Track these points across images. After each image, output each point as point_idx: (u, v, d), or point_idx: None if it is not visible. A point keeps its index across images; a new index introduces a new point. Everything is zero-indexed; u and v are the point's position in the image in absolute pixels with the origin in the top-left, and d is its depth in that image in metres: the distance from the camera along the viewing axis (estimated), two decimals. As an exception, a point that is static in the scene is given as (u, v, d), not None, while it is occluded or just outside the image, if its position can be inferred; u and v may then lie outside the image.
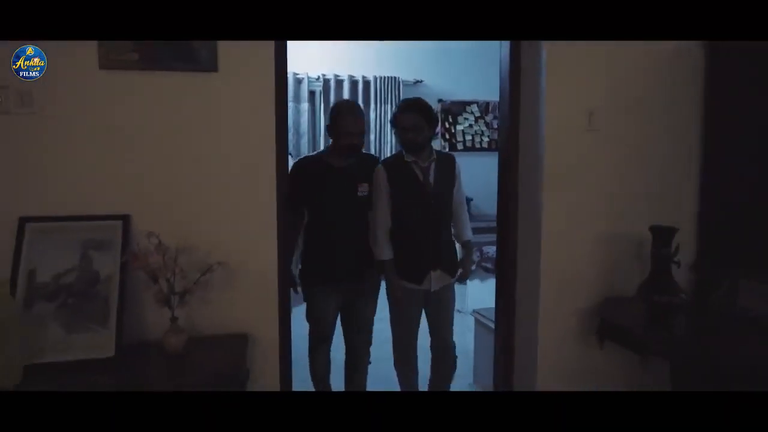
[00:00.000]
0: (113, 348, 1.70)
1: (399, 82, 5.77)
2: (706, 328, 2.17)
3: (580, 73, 2.32)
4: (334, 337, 2.70)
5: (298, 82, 5.41)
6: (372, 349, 2.73)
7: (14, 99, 1.75)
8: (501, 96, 2.55)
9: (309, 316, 2.62)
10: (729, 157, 2.42)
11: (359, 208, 2.53)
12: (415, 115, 2.49)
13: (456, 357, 2.70)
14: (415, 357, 2.69)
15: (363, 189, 2.52)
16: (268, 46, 1.99)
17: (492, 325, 2.74)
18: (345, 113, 2.52)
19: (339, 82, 5.58)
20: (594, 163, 2.36)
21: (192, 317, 1.89)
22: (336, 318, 2.65)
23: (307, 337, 2.69)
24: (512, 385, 2.54)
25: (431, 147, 2.57)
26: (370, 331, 2.70)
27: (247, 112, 1.97)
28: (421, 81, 5.89)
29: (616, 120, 2.37)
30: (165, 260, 1.69)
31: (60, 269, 1.73)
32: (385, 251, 2.51)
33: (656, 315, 2.06)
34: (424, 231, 2.52)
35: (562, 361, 2.34)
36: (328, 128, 2.55)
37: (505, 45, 2.47)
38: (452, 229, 2.69)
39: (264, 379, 2.00)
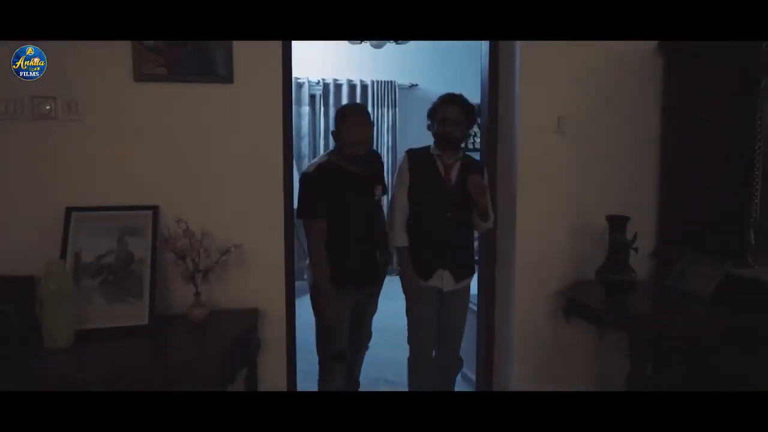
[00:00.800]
0: (147, 317, 2.01)
1: (395, 86, 6.07)
2: (661, 303, 2.48)
3: (550, 82, 2.62)
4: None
5: (299, 86, 5.71)
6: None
7: (62, 107, 2.06)
8: (481, 102, 2.86)
9: (321, 330, 2.44)
10: (685, 153, 2.72)
11: (375, 212, 2.54)
12: (458, 108, 2.43)
13: (461, 359, 2.64)
14: (430, 357, 2.56)
15: (378, 192, 2.51)
16: (277, 60, 2.29)
17: (475, 308, 3.02)
18: (350, 120, 2.34)
19: (338, 86, 5.89)
20: (563, 162, 2.66)
21: (212, 293, 2.19)
22: (348, 329, 2.48)
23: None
24: (493, 356, 2.85)
25: (460, 148, 2.52)
26: (370, 325, 2.62)
27: (258, 118, 2.27)
28: (417, 85, 6.19)
29: (583, 123, 2.67)
30: (191, 242, 2.00)
31: (101, 251, 2.04)
32: (400, 237, 2.47)
33: (611, 292, 2.37)
34: (437, 226, 2.45)
35: (534, 335, 2.65)
36: (333, 134, 2.41)
37: (485, 55, 2.79)
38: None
39: (273, 348, 2.32)
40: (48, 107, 2.05)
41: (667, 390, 2.08)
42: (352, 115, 2.39)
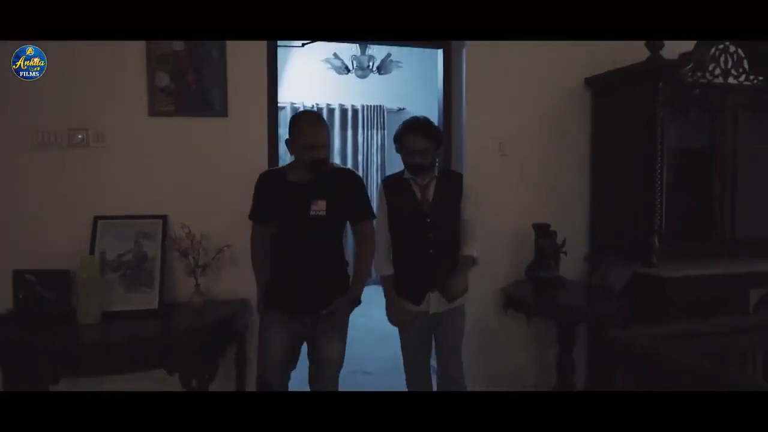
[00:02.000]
0: (156, 303, 2.52)
1: (384, 110, 6.59)
2: (580, 296, 2.97)
3: (492, 111, 3.15)
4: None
5: (295, 110, 6.25)
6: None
7: (92, 137, 2.60)
8: (441, 126, 3.39)
9: (259, 351, 2.31)
10: (608, 172, 3.24)
11: (316, 229, 2.26)
12: (423, 139, 2.37)
13: (464, 387, 2.53)
14: (429, 384, 2.59)
15: (318, 207, 2.23)
16: (262, 96, 2.81)
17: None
18: (305, 122, 2.24)
19: (330, 110, 6.43)
20: (505, 180, 3.17)
21: (208, 285, 2.70)
22: (287, 362, 2.33)
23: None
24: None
25: (434, 165, 2.48)
26: (335, 376, 2.31)
27: (247, 143, 2.79)
28: (404, 108, 6.71)
29: (522, 146, 3.19)
30: (193, 243, 2.52)
31: (121, 251, 2.56)
32: (383, 268, 2.47)
33: (538, 287, 2.87)
34: (421, 248, 2.42)
35: (481, 323, 3.12)
36: (287, 142, 2.27)
37: (440, 84, 3.31)
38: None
39: (257, 331, 2.81)
40: (80, 137, 2.59)
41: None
42: (307, 118, 2.30)
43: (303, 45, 5.18)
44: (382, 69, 5.25)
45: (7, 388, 2.20)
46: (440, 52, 3.27)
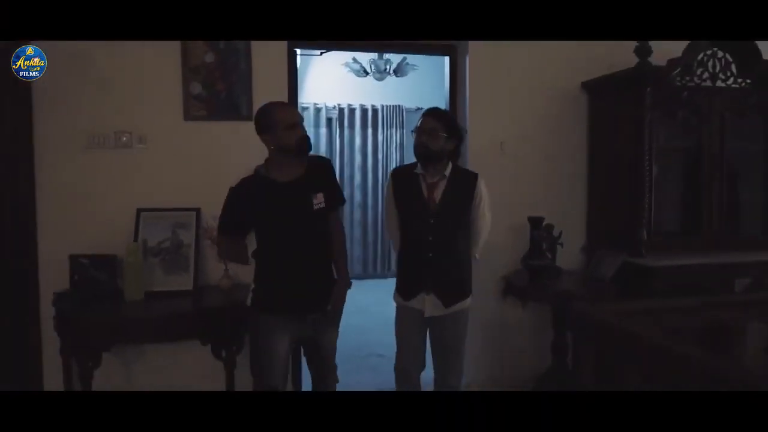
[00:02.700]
0: (191, 285, 2.88)
1: (402, 110, 6.89)
2: (573, 284, 3.22)
3: (494, 114, 3.42)
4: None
5: (318, 110, 6.59)
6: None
7: (135, 139, 2.95)
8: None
9: (254, 360, 2.28)
10: (604, 170, 3.48)
11: (317, 224, 2.25)
12: (433, 119, 2.34)
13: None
14: (415, 377, 2.46)
15: (318, 201, 2.22)
16: (284, 100, 3.14)
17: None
18: (276, 109, 2.22)
19: (351, 110, 6.76)
20: (505, 177, 3.42)
21: (236, 270, 3.03)
22: (287, 365, 2.32)
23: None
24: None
25: (448, 163, 2.42)
26: (336, 367, 2.40)
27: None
28: (421, 108, 6.99)
29: (523, 145, 3.46)
30: (222, 233, 2.86)
31: (161, 239, 2.92)
32: (396, 241, 2.53)
33: (533, 275, 3.13)
34: (419, 249, 2.37)
35: (484, 308, 3.38)
36: (262, 132, 2.22)
37: (447, 88, 3.59)
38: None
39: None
40: (125, 138, 2.95)
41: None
42: (274, 104, 2.25)
43: (321, 54, 5.50)
44: (398, 72, 5.54)
45: (65, 353, 2.58)
46: (447, 59, 3.55)
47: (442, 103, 3.78)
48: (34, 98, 2.84)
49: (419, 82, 6.63)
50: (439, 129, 2.34)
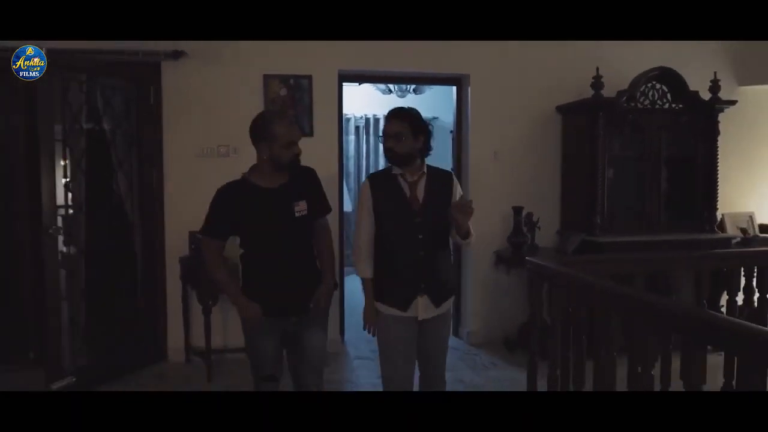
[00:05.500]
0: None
1: (420, 119, 8.04)
2: (542, 256, 4.35)
3: (489, 129, 4.57)
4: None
5: (347, 120, 7.71)
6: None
7: (231, 150, 4.15)
8: (454, 136, 4.83)
9: (249, 353, 2.42)
10: (573, 172, 4.61)
11: (299, 230, 2.32)
12: (397, 121, 2.30)
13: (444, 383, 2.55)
14: (409, 386, 2.41)
15: (300, 208, 2.28)
16: (334, 121, 4.33)
17: (452, 265, 4.90)
18: (278, 123, 2.27)
19: (376, 120, 7.89)
20: (498, 178, 4.57)
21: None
22: (280, 355, 2.40)
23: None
24: (460, 289, 4.78)
25: (423, 162, 2.39)
26: (322, 368, 2.43)
27: (325, 154, 4.29)
28: (437, 117, 8.11)
29: (511, 154, 4.60)
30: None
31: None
32: (365, 269, 2.37)
33: (516, 250, 4.28)
34: (409, 250, 2.32)
35: (480, 276, 4.57)
36: (259, 141, 2.28)
37: (454, 102, 4.75)
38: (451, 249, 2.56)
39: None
40: (224, 150, 4.16)
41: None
42: (277, 117, 2.34)
43: (360, 84, 6.68)
44: (417, 91, 6.70)
45: (185, 295, 3.79)
46: (454, 88, 4.72)
47: (449, 118, 4.94)
48: (164, 122, 4.07)
49: (434, 98, 7.78)
50: (405, 130, 2.30)
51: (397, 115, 2.36)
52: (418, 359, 2.46)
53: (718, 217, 4.62)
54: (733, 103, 4.48)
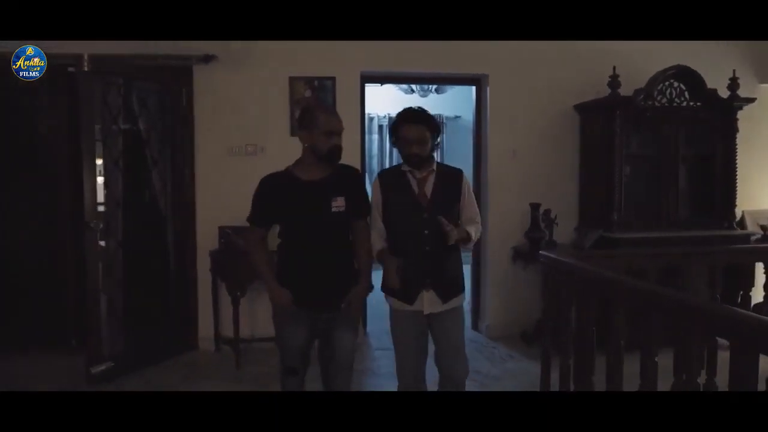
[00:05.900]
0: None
1: (443, 118, 8.06)
2: (563, 251, 4.45)
3: (508, 128, 4.67)
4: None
5: (371, 119, 7.88)
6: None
7: (258, 149, 4.34)
8: (473, 136, 4.95)
9: (277, 342, 2.46)
10: (592, 170, 4.68)
11: (335, 226, 2.34)
12: (420, 126, 2.33)
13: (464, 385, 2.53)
14: (423, 389, 2.51)
15: (338, 204, 2.29)
16: (357, 118, 4.49)
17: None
18: (321, 112, 2.32)
19: (399, 119, 8.05)
20: (518, 176, 4.67)
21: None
22: (308, 349, 2.41)
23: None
24: (479, 283, 4.90)
25: (433, 158, 2.46)
26: (351, 368, 2.43)
27: (349, 149, 4.40)
28: (460, 116, 8.22)
29: (529, 152, 4.70)
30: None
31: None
32: (377, 243, 2.44)
33: (533, 245, 4.38)
34: (417, 245, 2.37)
35: (498, 271, 4.68)
36: (302, 128, 2.34)
37: (473, 103, 4.86)
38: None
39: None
40: (251, 148, 4.36)
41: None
42: (322, 107, 2.37)
43: (381, 84, 6.84)
44: (439, 90, 6.83)
45: (215, 287, 4.00)
46: (473, 88, 4.84)
47: (470, 117, 5.06)
48: (195, 123, 4.28)
49: (454, 97, 7.90)
50: (427, 135, 2.37)
51: (416, 119, 2.39)
52: (438, 359, 2.50)
53: (738, 214, 4.64)
54: (752, 100, 4.49)
